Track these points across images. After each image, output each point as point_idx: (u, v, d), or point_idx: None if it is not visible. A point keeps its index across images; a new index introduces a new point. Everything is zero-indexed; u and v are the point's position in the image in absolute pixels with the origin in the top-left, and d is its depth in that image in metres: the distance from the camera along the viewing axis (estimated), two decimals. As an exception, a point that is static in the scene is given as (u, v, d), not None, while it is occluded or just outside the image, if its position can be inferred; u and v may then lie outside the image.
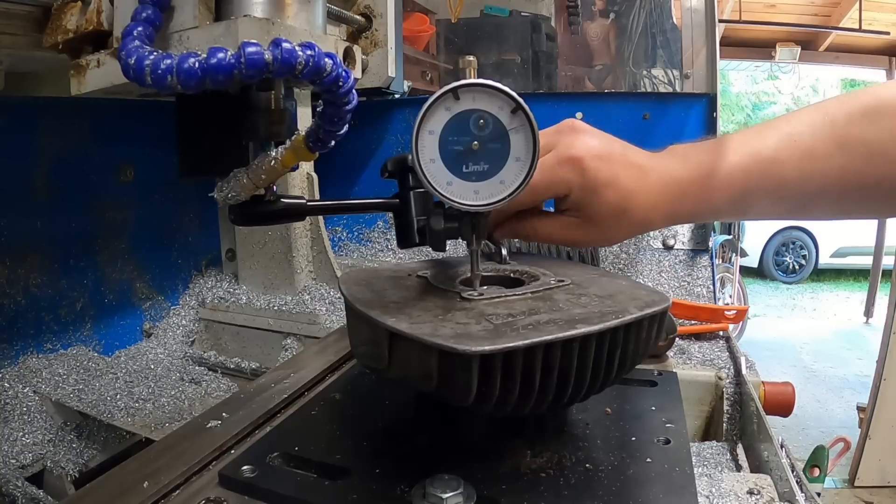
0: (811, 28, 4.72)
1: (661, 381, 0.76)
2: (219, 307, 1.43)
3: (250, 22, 0.55)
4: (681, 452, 0.58)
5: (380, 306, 0.56)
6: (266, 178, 0.59)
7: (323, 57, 0.52)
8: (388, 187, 0.73)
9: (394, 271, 0.71)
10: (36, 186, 1.20)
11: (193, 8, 0.56)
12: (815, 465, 1.77)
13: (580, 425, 0.64)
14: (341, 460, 0.56)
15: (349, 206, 1.07)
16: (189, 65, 0.48)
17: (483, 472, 0.53)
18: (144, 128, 1.40)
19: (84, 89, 0.65)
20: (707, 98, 1.54)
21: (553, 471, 0.54)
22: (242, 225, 0.65)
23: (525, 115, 0.54)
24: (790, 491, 0.60)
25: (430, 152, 0.53)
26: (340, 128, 0.60)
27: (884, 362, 2.70)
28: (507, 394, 0.49)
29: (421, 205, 0.69)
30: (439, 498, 0.48)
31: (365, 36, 1.29)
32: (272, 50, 0.50)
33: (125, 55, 0.51)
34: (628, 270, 1.45)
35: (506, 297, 0.58)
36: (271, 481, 0.54)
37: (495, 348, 0.46)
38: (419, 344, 0.48)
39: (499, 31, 2.32)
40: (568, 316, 0.52)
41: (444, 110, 0.53)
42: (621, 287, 0.62)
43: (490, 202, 0.55)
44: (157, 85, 0.49)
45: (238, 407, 0.71)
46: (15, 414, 1.08)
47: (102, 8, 0.62)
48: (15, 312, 1.17)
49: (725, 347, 1.08)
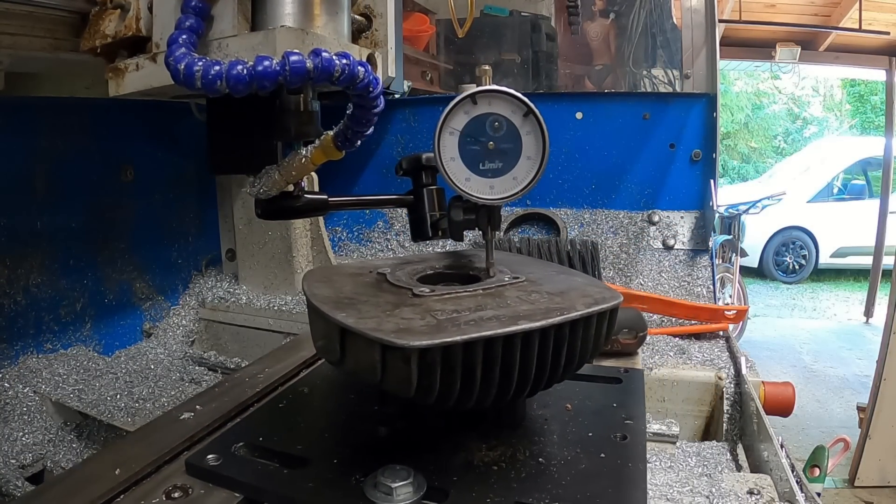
0: (811, 28, 4.71)
1: (626, 378, 0.77)
2: (219, 307, 1.43)
3: (287, 32, 0.59)
4: (636, 448, 0.58)
5: (333, 302, 0.58)
6: (296, 174, 0.64)
7: (357, 65, 0.58)
8: (388, 186, 0.74)
9: (357, 268, 0.72)
10: (36, 186, 1.20)
11: (233, 17, 0.60)
12: (815, 465, 1.77)
13: (539, 420, 0.64)
14: (302, 450, 0.58)
15: (367, 202, 1.12)
16: (237, 71, 0.54)
17: (436, 463, 0.55)
18: (144, 128, 1.40)
19: (123, 91, 0.68)
20: (707, 98, 1.54)
21: (505, 464, 0.55)
22: (268, 219, 0.72)
23: (536, 118, 0.61)
24: (790, 491, 0.60)
25: (450, 151, 0.60)
26: (368, 128, 0.66)
27: (884, 362, 2.70)
28: (449, 387, 0.50)
29: (433, 201, 0.75)
30: (389, 487, 0.49)
31: (365, 36, 1.29)
32: (313, 59, 0.55)
33: (174, 61, 0.55)
34: (628, 270, 1.45)
35: (456, 293, 0.59)
36: (234, 469, 0.56)
37: (433, 343, 0.47)
38: (364, 338, 0.50)
39: (499, 31, 2.32)
40: (512, 312, 0.53)
41: (464, 114, 0.60)
42: (575, 284, 0.63)
43: (504, 196, 0.62)
44: (207, 89, 0.54)
45: (211, 399, 0.73)
46: (15, 414, 1.08)
47: (141, 15, 0.66)
48: (15, 312, 1.17)
49: (725, 347, 1.08)
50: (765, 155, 11.52)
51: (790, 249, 7.54)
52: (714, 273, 1.42)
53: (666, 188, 1.57)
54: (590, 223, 1.58)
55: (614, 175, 1.60)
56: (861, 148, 7.75)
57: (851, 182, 7.66)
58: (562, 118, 1.61)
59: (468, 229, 0.65)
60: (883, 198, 5.38)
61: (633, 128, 1.57)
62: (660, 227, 1.53)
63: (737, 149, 11.60)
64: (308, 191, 0.69)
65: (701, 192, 1.53)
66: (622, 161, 1.59)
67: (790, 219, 7.41)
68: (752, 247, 7.26)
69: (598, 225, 1.58)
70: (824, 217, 7.37)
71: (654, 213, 1.55)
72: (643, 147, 1.57)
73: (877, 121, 9.86)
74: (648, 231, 1.53)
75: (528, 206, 1.64)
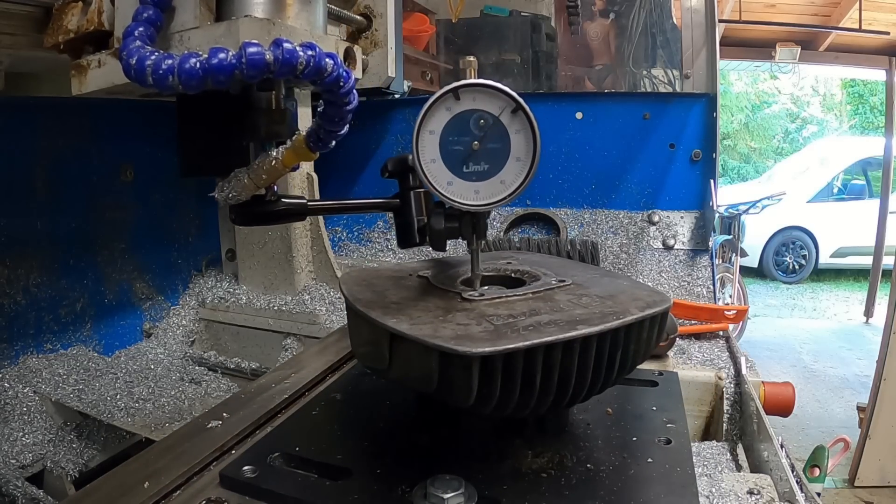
0: (811, 28, 4.71)
1: (662, 381, 0.76)
2: (219, 307, 1.43)
3: (251, 22, 0.55)
4: (682, 452, 0.58)
5: (380, 307, 0.56)
6: (267, 177, 0.59)
7: (324, 57, 0.52)
8: (388, 187, 0.73)
9: (395, 271, 0.71)
10: (36, 186, 1.20)
11: (195, 8, 0.56)
12: (815, 465, 1.77)
13: (581, 425, 0.64)
14: (342, 460, 0.56)
15: (349, 207, 1.08)
16: (190, 65, 0.49)
17: (484, 472, 0.53)
18: (144, 128, 1.40)
19: (85, 89, 0.65)
20: (707, 98, 1.54)
21: (554, 471, 0.54)
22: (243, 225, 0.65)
23: (526, 115, 0.54)
24: (790, 491, 0.59)
25: (430, 152, 0.54)
26: (341, 128, 0.60)
27: (884, 362, 2.70)
28: (508, 395, 0.49)
29: (421, 205, 0.70)
30: (440, 498, 0.48)
31: (365, 36, 1.29)
32: (273, 50, 0.50)
33: (127, 55, 0.51)
34: (628, 270, 1.45)
35: (507, 297, 0.58)
36: (272, 482, 0.54)
37: (496, 349, 0.46)
38: (420, 345, 0.48)
39: (499, 31, 2.32)
40: (569, 317, 0.52)
41: (445, 110, 0.54)
42: (623, 287, 0.62)
43: (490, 202, 0.55)
44: (158, 85, 0.49)
45: (239, 407, 0.71)
46: (15, 414, 1.08)
47: (104, 8, 0.62)
48: (15, 312, 1.17)
49: (725, 347, 1.08)
50: (764, 155, 11.51)
51: (790, 249, 7.54)
52: (714, 273, 1.42)
53: (666, 188, 1.56)
54: (590, 223, 1.58)
55: (614, 175, 1.60)
56: (861, 148, 7.74)
57: (851, 182, 7.65)
58: (562, 118, 1.61)
59: (451, 238, 0.59)
60: (883, 198, 5.38)
61: (633, 128, 1.57)
62: (660, 227, 1.53)
63: (736, 149, 11.59)
64: (284, 195, 0.65)
65: (701, 192, 1.53)
66: (622, 161, 1.59)
67: (790, 219, 7.41)
68: (752, 247, 7.26)
69: (598, 225, 1.58)
70: (824, 217, 7.37)
71: (654, 213, 1.55)
72: (643, 147, 1.57)
73: (877, 121, 9.86)
74: (648, 231, 1.53)
75: (528, 206, 1.64)
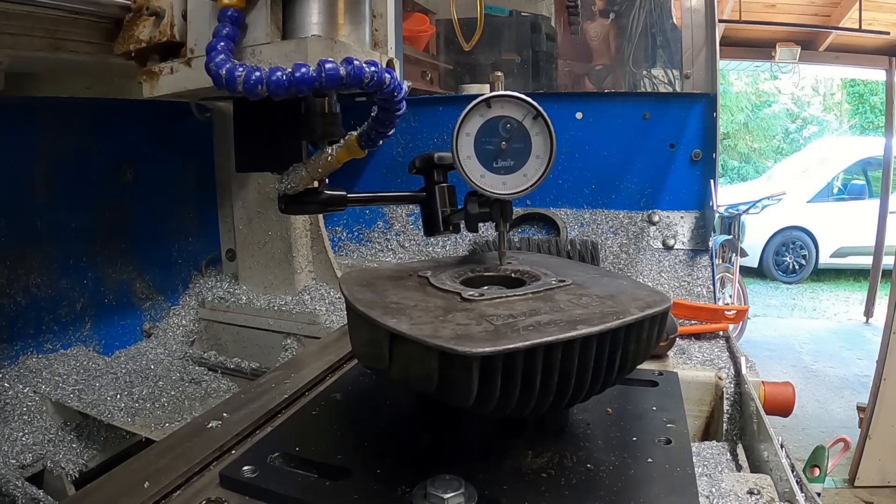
0: (811, 28, 4.71)
1: (662, 381, 0.76)
2: (219, 307, 1.43)
3: (317, 41, 0.63)
4: (682, 452, 0.58)
5: (380, 307, 0.56)
6: (322, 171, 0.70)
7: (384, 72, 0.61)
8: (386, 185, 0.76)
9: (395, 271, 0.71)
10: (36, 186, 1.20)
11: (266, 26, 0.64)
12: (815, 465, 1.76)
13: (581, 425, 0.64)
14: (342, 461, 0.56)
15: (382, 198, 1.18)
16: (277, 77, 0.58)
17: (484, 472, 0.53)
18: (144, 128, 1.40)
19: (157, 93, 0.72)
20: (707, 98, 1.54)
21: (554, 471, 0.54)
22: (291, 213, 0.79)
23: (544, 121, 0.66)
24: (790, 491, 0.59)
25: (466, 150, 0.65)
26: (390, 129, 0.71)
27: (884, 362, 2.70)
28: (508, 395, 0.49)
29: (445, 198, 0.80)
30: (440, 498, 0.48)
31: (365, 36, 1.29)
32: (345, 66, 0.59)
33: (215, 67, 0.59)
34: (628, 270, 1.45)
35: (507, 297, 0.58)
36: (272, 482, 0.54)
37: (496, 349, 0.46)
38: (420, 345, 0.48)
39: (499, 31, 2.32)
40: (569, 317, 0.52)
41: (479, 116, 0.65)
42: (623, 287, 0.62)
43: (515, 191, 0.66)
44: (248, 92, 0.58)
45: (239, 407, 0.71)
46: (15, 414, 1.08)
47: (175, 22, 0.70)
48: (15, 312, 1.17)
49: (725, 347, 1.08)
50: (764, 155, 11.51)
51: (790, 249, 7.54)
52: (714, 273, 1.42)
53: (666, 188, 1.56)
54: (590, 223, 1.58)
55: (614, 175, 1.60)
56: (861, 148, 7.74)
57: (851, 182, 7.65)
58: (562, 118, 1.60)
59: (482, 222, 0.71)
60: (883, 198, 5.38)
61: (633, 128, 1.57)
62: (660, 227, 1.53)
63: (737, 149, 11.59)
64: (328, 188, 0.75)
65: (701, 192, 1.53)
66: (622, 161, 1.59)
67: (790, 219, 7.41)
68: (752, 247, 7.26)
69: (598, 225, 1.58)
70: (824, 217, 7.37)
71: (654, 213, 1.55)
72: (643, 147, 1.57)
73: (877, 121, 9.86)
74: (648, 231, 1.53)
75: (528, 206, 1.64)
